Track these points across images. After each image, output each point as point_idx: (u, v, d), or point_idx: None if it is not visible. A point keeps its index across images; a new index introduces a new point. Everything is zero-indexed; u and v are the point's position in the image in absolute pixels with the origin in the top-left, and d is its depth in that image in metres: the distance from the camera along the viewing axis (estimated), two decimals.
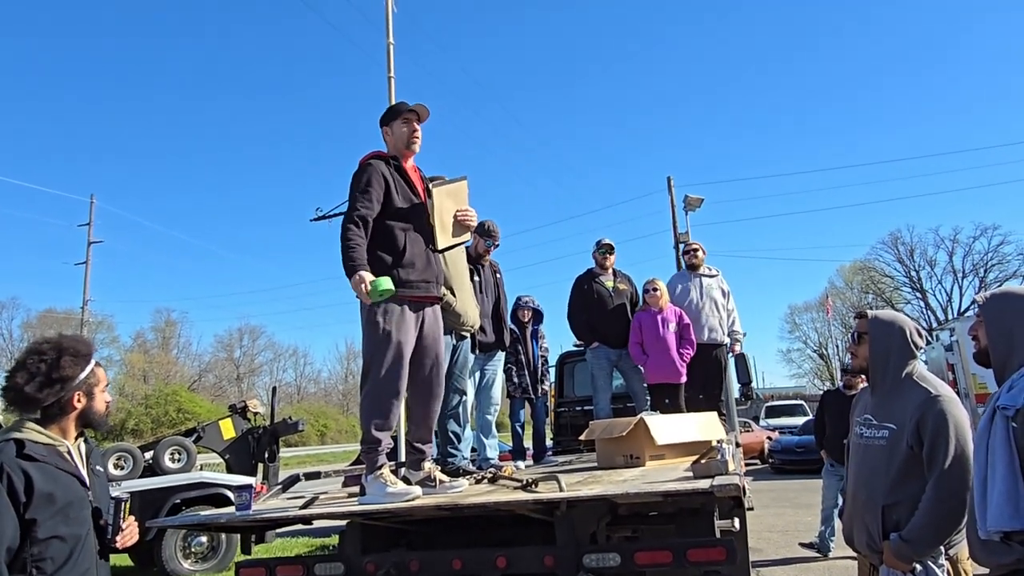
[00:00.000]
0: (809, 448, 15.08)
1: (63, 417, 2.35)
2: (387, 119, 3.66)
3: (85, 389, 2.36)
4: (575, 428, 7.33)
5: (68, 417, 2.35)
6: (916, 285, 48.74)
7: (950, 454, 2.45)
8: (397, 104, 3.69)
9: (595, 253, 6.29)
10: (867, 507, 2.66)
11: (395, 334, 3.37)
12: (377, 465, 3.32)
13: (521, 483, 3.29)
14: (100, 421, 2.40)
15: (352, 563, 3.24)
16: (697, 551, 2.87)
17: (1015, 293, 2.23)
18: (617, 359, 6.07)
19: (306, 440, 40.24)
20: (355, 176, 3.51)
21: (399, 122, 3.62)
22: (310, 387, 60.98)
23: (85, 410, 2.36)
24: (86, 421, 2.38)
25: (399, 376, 3.40)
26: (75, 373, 2.34)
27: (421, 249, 3.53)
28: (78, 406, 2.35)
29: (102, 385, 2.41)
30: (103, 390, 2.41)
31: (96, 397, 2.39)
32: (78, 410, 2.35)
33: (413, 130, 3.63)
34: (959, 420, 2.51)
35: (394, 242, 3.46)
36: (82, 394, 2.35)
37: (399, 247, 3.46)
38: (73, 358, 2.35)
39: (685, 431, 4.49)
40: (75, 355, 2.36)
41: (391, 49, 8.77)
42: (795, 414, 24.29)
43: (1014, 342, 2.14)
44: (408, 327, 3.44)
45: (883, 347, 2.73)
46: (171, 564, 8.14)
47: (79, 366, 2.36)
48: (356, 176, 3.50)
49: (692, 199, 22.41)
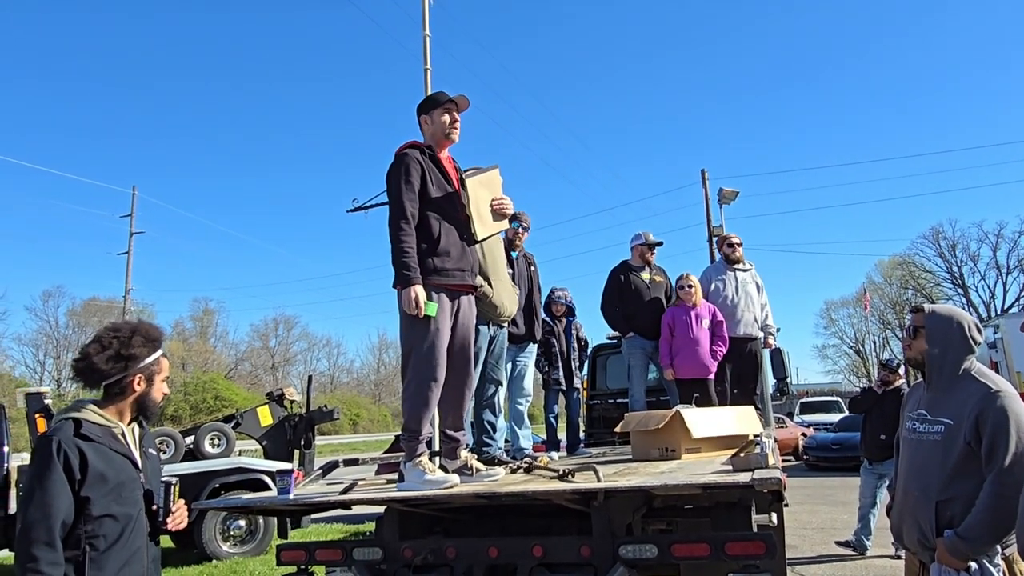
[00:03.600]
0: (845, 445, 14.86)
1: (122, 399, 2.41)
2: (426, 108, 3.65)
3: (147, 374, 2.42)
4: (607, 421, 7.32)
5: (126, 400, 2.42)
6: (958, 281, 47.52)
7: (1011, 451, 2.40)
8: (436, 93, 3.69)
9: (641, 247, 6.24)
10: (919, 503, 2.61)
11: (433, 323, 3.39)
12: (417, 453, 3.35)
13: (557, 473, 3.30)
14: (153, 409, 2.46)
15: (390, 548, 3.29)
16: (736, 544, 2.84)
17: None
18: (652, 351, 6.05)
19: (339, 429, 40.80)
20: (394, 168, 3.52)
21: (439, 111, 3.61)
22: (343, 376, 61.79)
23: (143, 395, 2.42)
24: (141, 407, 2.44)
25: (439, 365, 3.42)
26: (143, 355, 2.42)
27: (456, 238, 3.55)
28: (137, 390, 2.41)
29: (163, 375, 2.48)
30: (163, 380, 2.48)
31: (155, 384, 2.45)
32: (136, 394, 2.41)
33: (453, 119, 3.62)
34: (1020, 416, 2.45)
35: (429, 231, 3.47)
36: (143, 378, 2.42)
37: (435, 236, 3.47)
38: (144, 340, 2.43)
39: (722, 425, 4.45)
40: (146, 338, 2.45)
41: (427, 41, 8.80)
42: (830, 411, 23.92)
43: None
44: (445, 316, 3.46)
45: (941, 342, 2.66)
46: (211, 546, 8.35)
47: (148, 349, 2.44)
48: (395, 168, 3.51)
49: (727, 192, 22.12)
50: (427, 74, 8.71)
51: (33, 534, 2.15)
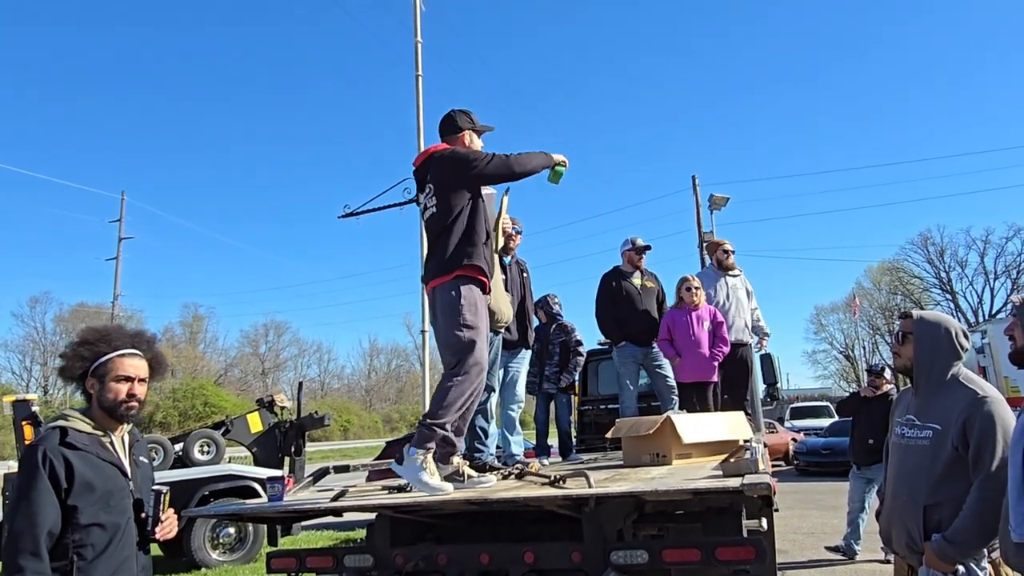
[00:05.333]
0: (835, 450, 14.92)
1: (92, 405, 2.43)
2: (474, 128, 3.81)
3: (98, 375, 2.42)
4: (599, 427, 7.33)
5: (94, 404, 2.42)
6: (946, 286, 47.90)
7: (997, 455, 2.43)
8: (476, 119, 3.83)
9: (629, 252, 6.24)
10: (908, 507, 2.64)
11: (479, 323, 3.48)
12: (427, 444, 3.32)
13: (549, 479, 3.30)
14: (119, 412, 2.41)
15: (381, 555, 3.28)
16: (726, 549, 2.85)
17: None
18: (643, 358, 6.06)
19: (329, 435, 40.63)
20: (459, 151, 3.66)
21: (480, 139, 3.82)
22: (334, 383, 61.61)
23: (97, 396, 2.41)
24: (107, 410, 2.41)
25: (485, 366, 3.50)
26: (90, 355, 2.43)
27: (489, 236, 3.69)
28: (92, 392, 2.42)
29: (114, 375, 2.42)
30: (116, 380, 2.41)
31: (107, 385, 2.41)
32: (94, 396, 2.41)
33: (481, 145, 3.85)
34: (1007, 422, 2.48)
35: (481, 227, 3.58)
36: (95, 380, 2.42)
37: (485, 233, 3.60)
38: (93, 345, 2.44)
39: (712, 430, 4.46)
40: (97, 341, 2.45)
41: (419, 48, 8.82)
42: (820, 416, 24.01)
43: None
44: (485, 317, 3.56)
45: (928, 348, 2.70)
46: (199, 554, 8.29)
47: (96, 350, 2.44)
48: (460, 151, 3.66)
49: (717, 198, 22.23)
50: (419, 81, 8.74)
51: (19, 544, 2.13)
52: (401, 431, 43.92)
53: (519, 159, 3.56)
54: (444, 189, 3.55)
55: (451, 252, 3.47)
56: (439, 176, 3.59)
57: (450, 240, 3.49)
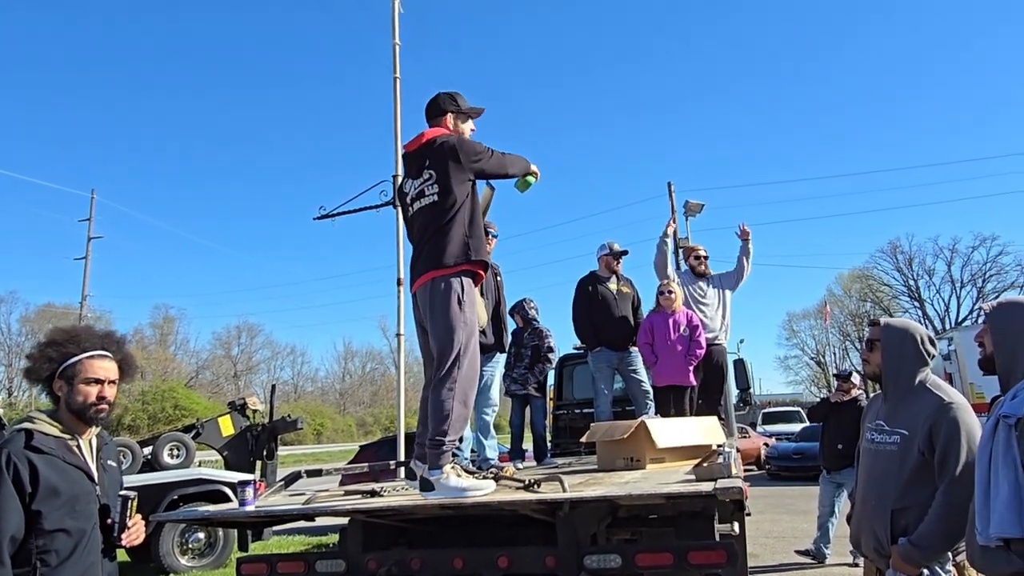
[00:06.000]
0: (806, 455, 15.13)
1: (60, 407, 2.38)
2: (461, 112, 3.68)
3: (66, 376, 2.36)
4: (574, 431, 7.35)
5: (62, 407, 2.37)
6: (914, 294, 48.85)
7: (961, 461, 2.48)
8: (465, 100, 3.71)
9: (607, 256, 6.27)
10: (876, 511, 2.68)
11: (476, 323, 3.39)
12: (442, 462, 3.17)
13: (523, 483, 3.30)
14: (87, 414, 2.36)
15: (353, 560, 3.25)
16: (698, 553, 2.88)
17: (1021, 303, 2.26)
18: (618, 362, 6.09)
19: (302, 439, 40.24)
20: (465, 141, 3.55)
21: (471, 124, 3.73)
22: (307, 386, 61.05)
23: (67, 399, 2.36)
24: (75, 412, 2.36)
25: (479, 365, 3.41)
26: (58, 356, 2.38)
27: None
28: (59, 394, 2.37)
29: (83, 377, 2.37)
30: (85, 382, 2.37)
31: (76, 387, 2.36)
32: (62, 398, 2.36)
33: (471, 130, 3.74)
34: (971, 427, 2.53)
35: (480, 219, 3.52)
36: (63, 383, 2.36)
37: (483, 227, 3.53)
38: (61, 346, 2.39)
39: (686, 435, 4.50)
40: (66, 342, 2.40)
41: (397, 50, 8.80)
42: (792, 421, 24.32)
43: (1018, 351, 2.17)
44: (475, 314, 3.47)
45: (895, 354, 2.76)
46: (168, 560, 8.15)
47: (64, 351, 2.39)
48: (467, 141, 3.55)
49: (693, 204, 22.47)
50: (396, 83, 8.72)
51: None
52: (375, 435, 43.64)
53: (511, 160, 3.59)
54: (448, 177, 3.40)
55: (455, 244, 3.34)
56: (442, 163, 3.42)
57: (453, 231, 3.35)
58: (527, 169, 3.70)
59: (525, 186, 3.72)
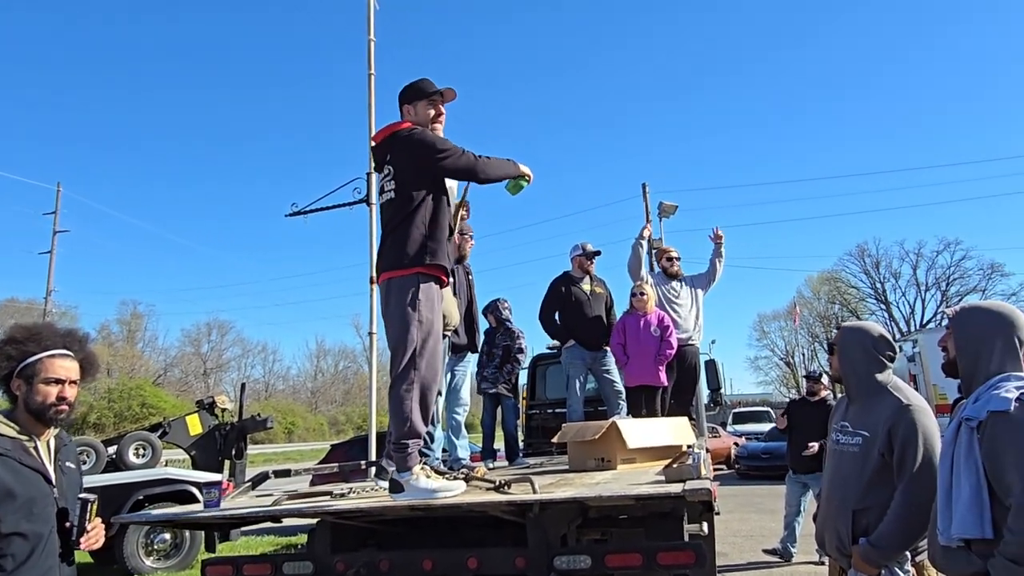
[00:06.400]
0: (774, 454, 15.33)
1: (18, 407, 2.31)
2: (410, 97, 3.46)
3: (25, 376, 2.30)
4: (546, 430, 7.35)
5: (19, 407, 2.31)
6: (881, 297, 49.78)
7: (918, 462, 2.53)
8: (422, 82, 3.47)
9: (580, 257, 6.28)
10: (839, 512, 2.73)
11: (436, 321, 3.26)
12: (410, 464, 3.11)
13: (494, 484, 3.29)
14: (47, 415, 2.30)
15: (321, 562, 3.22)
16: (667, 554, 2.90)
17: (983, 308, 2.30)
18: (591, 362, 6.11)
19: (273, 438, 39.82)
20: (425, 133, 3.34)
21: (424, 103, 3.43)
22: (278, 384, 60.41)
23: (25, 399, 2.29)
24: (34, 413, 2.30)
25: (440, 365, 3.32)
26: (17, 354, 2.31)
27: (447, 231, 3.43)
28: (17, 394, 2.30)
29: (43, 376, 2.31)
30: (45, 382, 2.31)
31: (35, 387, 2.30)
32: (20, 398, 2.30)
33: (438, 113, 3.47)
34: (929, 429, 2.59)
35: (445, 221, 3.35)
36: (22, 382, 2.30)
37: (448, 227, 3.37)
38: (21, 344, 2.32)
39: (657, 435, 4.53)
40: (26, 340, 2.33)
41: (372, 46, 8.73)
42: (761, 420, 24.66)
43: (980, 355, 2.21)
44: (439, 314, 3.35)
45: (849, 357, 2.83)
46: (132, 561, 7.99)
47: (24, 350, 2.32)
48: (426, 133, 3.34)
49: (666, 206, 22.60)
50: (371, 79, 8.64)
51: None
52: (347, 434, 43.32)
53: (488, 164, 3.38)
54: (405, 173, 3.27)
55: (412, 246, 3.20)
56: (401, 158, 3.29)
57: (411, 232, 3.21)
58: (511, 173, 3.51)
59: (516, 189, 3.58)
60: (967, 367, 2.25)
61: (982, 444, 2.04)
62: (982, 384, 2.16)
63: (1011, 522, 1.93)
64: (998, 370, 2.16)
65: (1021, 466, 1.94)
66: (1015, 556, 1.91)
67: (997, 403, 2.03)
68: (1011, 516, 1.93)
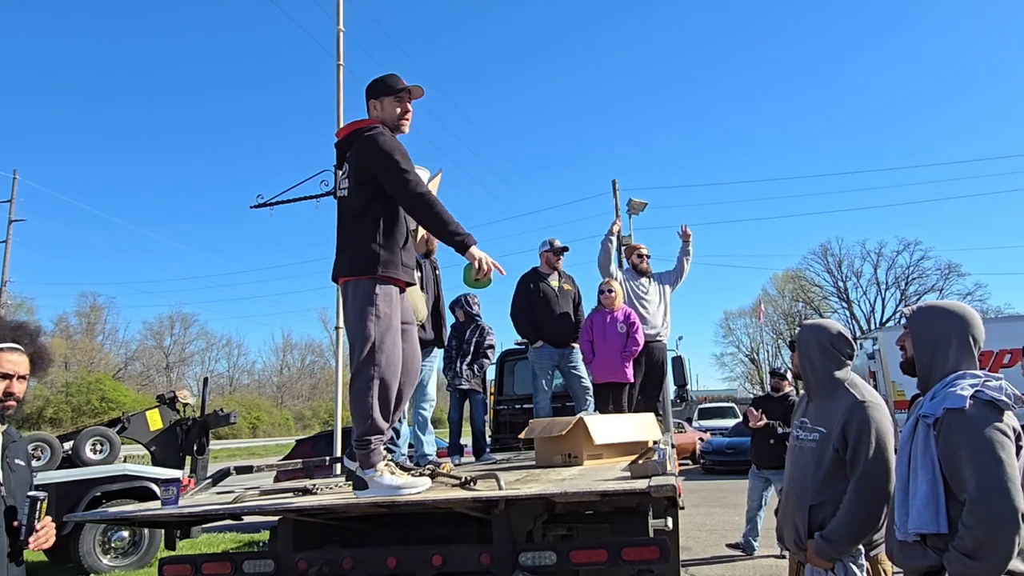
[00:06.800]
0: (738, 449, 15.56)
1: None
2: (376, 93, 3.38)
3: None
4: (514, 426, 7.36)
5: None
6: (843, 295, 50.93)
7: (871, 457, 2.58)
8: (388, 77, 3.38)
9: (547, 253, 6.28)
10: (796, 506, 2.78)
11: (394, 318, 3.21)
12: (380, 458, 3.12)
13: (459, 480, 3.27)
14: None
15: (283, 560, 3.16)
16: (631, 550, 2.90)
17: (939, 307, 2.35)
18: (559, 359, 6.11)
19: (237, 433, 39.22)
20: (389, 139, 3.23)
21: (391, 100, 3.36)
22: (243, 378, 59.57)
23: None
24: None
25: (400, 361, 3.24)
26: None
27: (405, 231, 3.36)
28: None
29: None
30: None
31: None
32: None
33: (405, 110, 3.39)
34: (882, 425, 2.64)
35: (401, 223, 3.29)
36: None
37: (404, 229, 3.31)
38: None
39: (623, 431, 4.54)
40: None
41: (341, 37, 8.62)
42: (726, 416, 25.01)
43: (936, 354, 2.26)
44: (399, 311, 3.29)
45: (809, 354, 2.87)
46: (88, 559, 7.78)
47: None
48: (386, 141, 3.20)
49: (636, 203, 22.72)
50: (340, 70, 8.54)
51: None
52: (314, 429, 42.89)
53: (434, 211, 3.13)
54: (360, 175, 3.21)
55: (363, 255, 3.16)
56: (357, 159, 3.22)
57: (363, 239, 3.17)
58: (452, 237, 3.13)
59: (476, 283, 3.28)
60: (924, 366, 2.29)
61: (938, 441, 2.09)
62: (938, 382, 2.20)
63: (966, 517, 1.98)
64: (953, 368, 2.21)
65: (975, 462, 1.98)
66: (969, 550, 1.95)
67: (953, 400, 2.08)
68: (966, 511, 1.98)
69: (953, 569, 2.00)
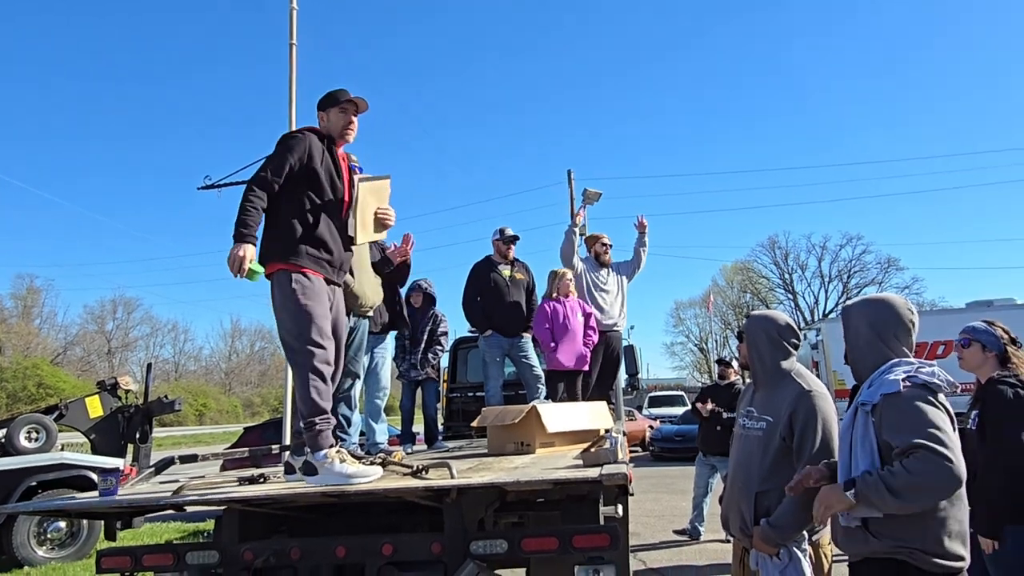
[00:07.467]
0: (687, 437, 15.90)
1: None
2: (324, 105, 3.58)
3: None
4: (467, 414, 7.34)
5: None
6: (788, 287, 52.37)
7: (816, 445, 2.65)
8: (336, 91, 3.59)
9: (498, 242, 6.25)
10: (742, 494, 2.83)
11: (318, 307, 3.29)
12: (328, 443, 3.15)
13: (411, 469, 3.24)
14: None
15: (228, 551, 3.08)
16: (582, 537, 2.92)
17: (869, 300, 2.46)
18: (509, 347, 6.11)
19: (183, 420, 38.31)
20: (282, 140, 3.42)
21: (336, 110, 3.55)
22: (190, 364, 58.20)
23: None
24: None
25: (330, 346, 3.31)
26: None
27: (333, 232, 3.45)
28: None
29: None
30: None
31: None
32: None
33: (349, 121, 3.57)
34: (827, 414, 2.71)
35: (308, 215, 3.36)
36: None
37: (311, 222, 3.37)
38: None
39: (575, 419, 4.57)
40: None
41: (294, 15, 8.40)
42: (676, 404, 25.51)
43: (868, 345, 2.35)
44: (324, 301, 3.36)
45: (756, 344, 2.94)
46: (23, 552, 7.51)
47: None
48: (283, 141, 3.41)
49: (590, 193, 22.66)
50: (292, 49, 8.33)
51: None
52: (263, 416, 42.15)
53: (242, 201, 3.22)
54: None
55: (274, 242, 3.31)
56: None
57: (276, 228, 3.33)
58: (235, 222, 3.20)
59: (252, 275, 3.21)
60: (857, 357, 2.38)
61: (876, 427, 2.16)
62: (871, 371, 2.28)
63: (910, 461, 2.00)
64: (884, 358, 2.29)
65: (913, 427, 2.04)
66: (896, 488, 2.00)
67: (888, 386, 2.16)
68: (913, 457, 2.00)
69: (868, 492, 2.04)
